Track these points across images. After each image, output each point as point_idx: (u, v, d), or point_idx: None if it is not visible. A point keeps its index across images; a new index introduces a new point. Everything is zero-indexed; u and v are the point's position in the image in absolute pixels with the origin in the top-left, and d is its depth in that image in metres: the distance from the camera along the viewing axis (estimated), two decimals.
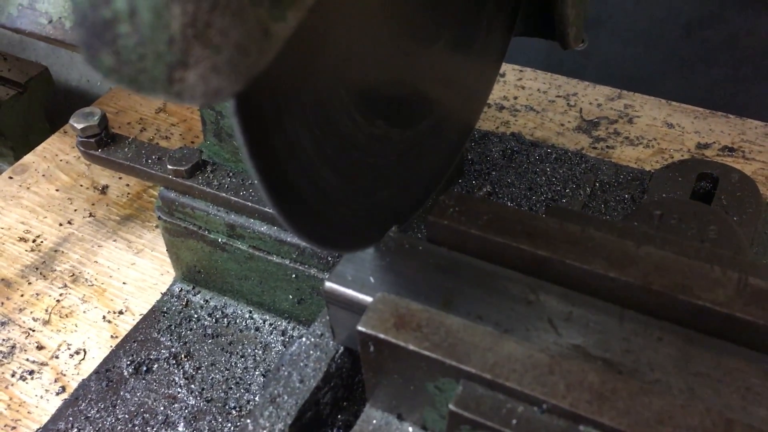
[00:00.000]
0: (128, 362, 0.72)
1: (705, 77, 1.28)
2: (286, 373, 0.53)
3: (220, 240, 0.71)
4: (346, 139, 0.46)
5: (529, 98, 1.08)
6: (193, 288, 0.79)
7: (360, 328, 0.47)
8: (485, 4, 0.64)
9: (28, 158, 1.07)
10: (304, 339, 0.55)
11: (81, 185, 1.02)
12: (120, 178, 1.02)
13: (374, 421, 0.51)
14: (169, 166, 0.68)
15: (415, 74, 0.56)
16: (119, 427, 0.67)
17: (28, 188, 1.01)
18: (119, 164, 0.71)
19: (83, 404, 0.69)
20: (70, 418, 0.67)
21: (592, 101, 1.07)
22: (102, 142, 0.73)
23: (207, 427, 0.65)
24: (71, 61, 1.73)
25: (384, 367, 0.48)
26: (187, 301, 0.77)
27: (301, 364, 0.54)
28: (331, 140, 0.43)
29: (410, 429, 0.51)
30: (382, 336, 0.46)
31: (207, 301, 0.77)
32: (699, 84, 1.28)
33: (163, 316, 0.76)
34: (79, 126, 0.71)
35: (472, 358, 0.44)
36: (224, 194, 0.67)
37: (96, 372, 0.72)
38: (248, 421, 0.51)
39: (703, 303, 0.46)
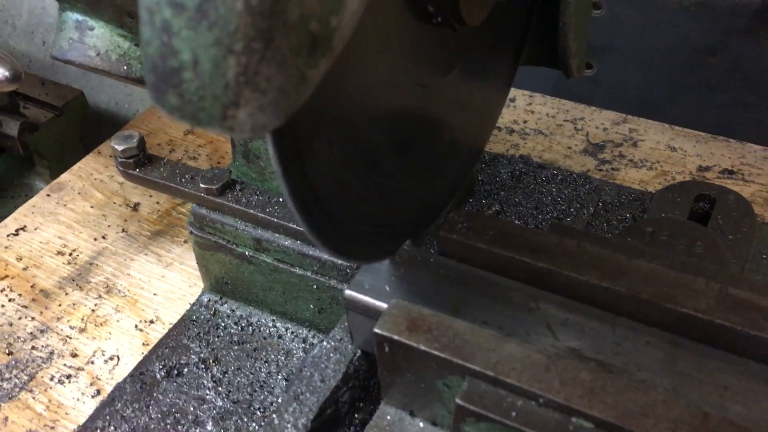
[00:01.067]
0: (161, 366, 0.77)
1: (710, 102, 1.32)
2: (308, 374, 0.59)
3: (247, 253, 0.76)
4: (368, 163, 0.51)
5: (538, 122, 1.13)
6: (221, 298, 0.84)
7: (377, 330, 0.52)
8: (495, 35, 0.70)
9: (64, 177, 1.13)
10: (325, 343, 0.61)
11: (114, 202, 1.08)
12: (150, 195, 1.08)
13: (388, 417, 0.56)
14: (202, 185, 0.74)
15: (431, 101, 0.61)
16: (152, 426, 0.72)
17: (64, 205, 1.08)
18: (155, 183, 0.77)
19: (119, 404, 0.74)
20: (107, 417, 0.73)
21: (599, 125, 1.12)
22: (139, 163, 0.79)
23: (233, 426, 0.70)
24: (101, 84, 1.82)
25: (398, 367, 0.53)
26: (215, 311, 0.83)
27: (323, 366, 0.60)
28: (355, 164, 0.49)
29: (421, 424, 0.56)
30: (396, 337, 0.51)
31: (233, 310, 0.83)
32: (704, 109, 1.32)
33: (193, 324, 0.82)
34: (120, 148, 0.77)
35: (476, 358, 0.50)
36: (252, 211, 0.73)
37: (131, 375, 0.77)
38: (274, 416, 0.56)
39: (687, 311, 0.51)
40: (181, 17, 0.28)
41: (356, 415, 0.63)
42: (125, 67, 0.67)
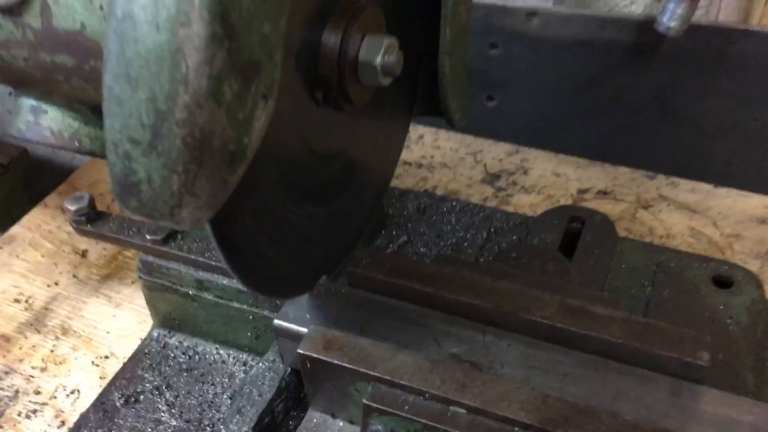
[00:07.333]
0: (119, 395, 0.89)
1: (597, 128, 1.50)
2: (248, 390, 0.72)
3: (190, 292, 0.88)
4: (285, 224, 0.65)
5: (443, 156, 1.29)
6: (169, 332, 0.96)
7: (300, 350, 0.66)
8: (390, 100, 0.84)
9: (14, 229, 1.21)
10: (261, 364, 0.74)
11: (63, 251, 1.16)
12: (97, 243, 1.18)
13: (314, 420, 0.70)
14: (148, 236, 0.87)
15: (336, 161, 0.75)
16: None
17: (17, 256, 1.16)
18: (107, 237, 0.89)
19: (85, 431, 0.85)
20: None
21: (495, 157, 1.28)
22: (90, 219, 0.90)
23: None
24: None
25: (318, 378, 0.67)
26: (165, 344, 0.95)
27: (259, 383, 0.73)
28: (273, 227, 0.62)
29: (341, 423, 0.70)
30: (315, 355, 0.65)
31: (181, 342, 0.95)
32: (592, 134, 1.50)
33: (146, 356, 0.94)
34: (73, 207, 0.89)
35: (378, 367, 0.64)
36: (193, 256, 0.85)
37: (93, 405, 0.88)
38: (221, 426, 0.69)
39: (536, 318, 0.66)
40: (137, 149, 0.42)
41: (290, 422, 0.76)
42: (77, 143, 0.78)
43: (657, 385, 0.62)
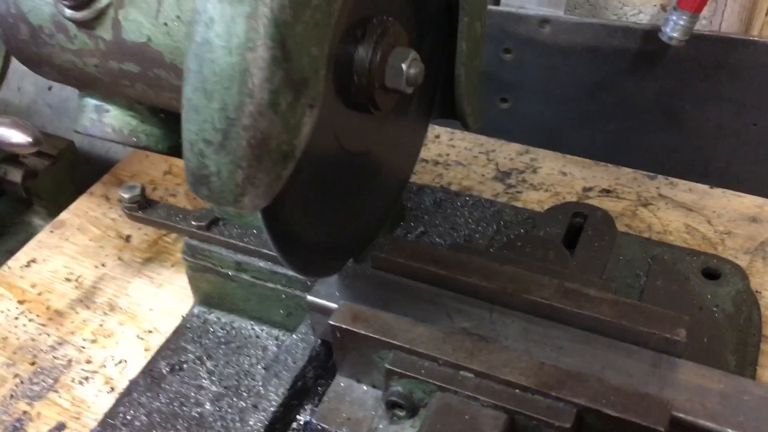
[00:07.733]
0: (165, 364, 0.99)
1: (603, 131, 1.59)
2: (283, 358, 0.82)
3: (229, 273, 0.99)
4: (319, 212, 0.75)
5: (458, 155, 1.38)
6: (209, 309, 1.06)
7: (331, 322, 0.76)
8: (412, 96, 0.94)
9: (63, 216, 1.32)
10: (294, 336, 0.85)
11: (109, 235, 1.27)
12: (139, 228, 1.29)
13: (342, 384, 0.80)
14: (193, 222, 0.97)
15: (363, 159, 0.85)
16: (163, 408, 0.94)
17: (66, 239, 1.26)
18: (157, 222, 1.00)
19: (135, 394, 0.96)
20: (127, 404, 0.95)
21: (506, 156, 1.37)
22: (142, 206, 1.01)
23: (226, 404, 0.93)
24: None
25: (346, 347, 0.77)
26: (205, 320, 1.05)
27: (293, 352, 0.83)
28: (310, 213, 0.73)
29: (365, 387, 0.80)
30: (344, 326, 0.75)
31: (219, 318, 1.05)
32: (598, 136, 1.60)
33: (188, 330, 1.04)
34: (126, 195, 1.00)
35: (398, 337, 0.74)
36: (233, 241, 0.96)
37: (142, 372, 0.99)
38: (260, 387, 0.79)
39: (536, 298, 0.76)
40: (210, 148, 0.52)
41: (319, 388, 0.86)
42: (134, 139, 0.89)
43: (640, 358, 0.72)
